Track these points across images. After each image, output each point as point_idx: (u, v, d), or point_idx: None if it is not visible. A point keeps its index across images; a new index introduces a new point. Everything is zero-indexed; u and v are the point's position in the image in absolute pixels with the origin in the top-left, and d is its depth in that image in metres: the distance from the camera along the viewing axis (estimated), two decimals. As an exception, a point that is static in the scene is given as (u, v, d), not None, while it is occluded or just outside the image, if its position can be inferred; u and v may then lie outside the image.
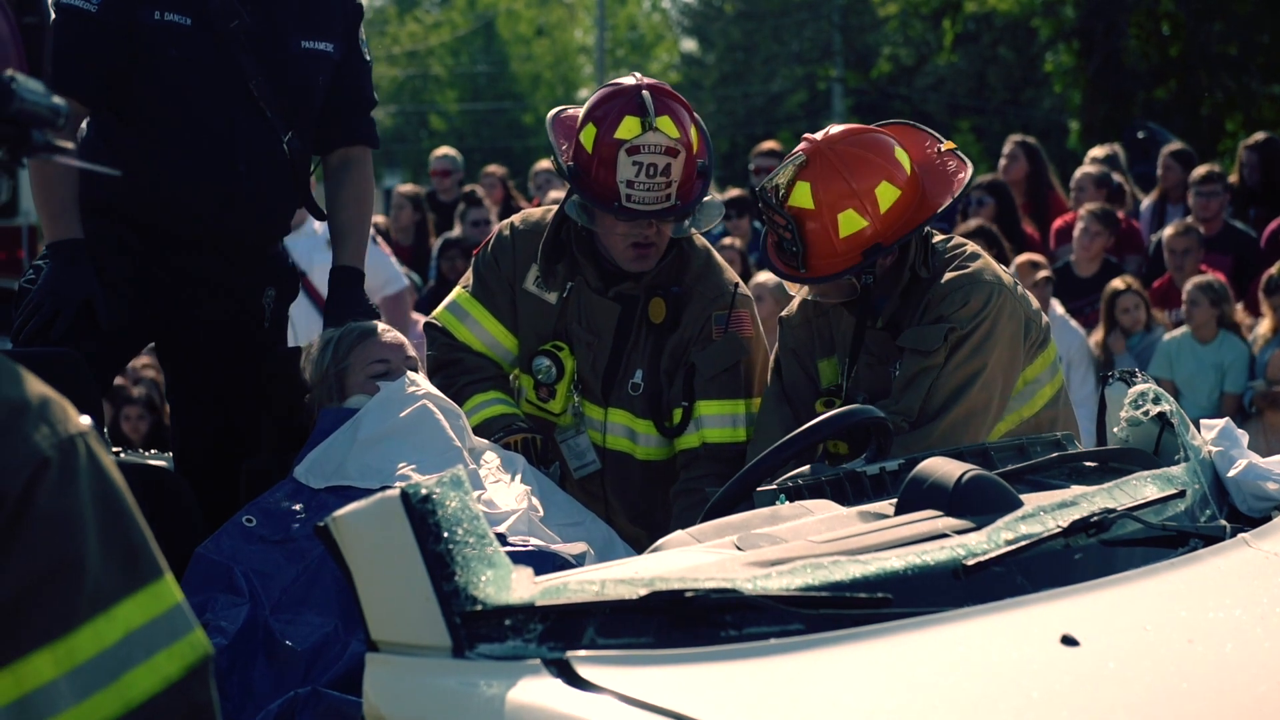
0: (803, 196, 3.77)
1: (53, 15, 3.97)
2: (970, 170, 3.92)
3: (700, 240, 4.15)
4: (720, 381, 4.02)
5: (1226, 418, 3.21)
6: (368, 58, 4.26)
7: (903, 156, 3.86)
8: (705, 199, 3.99)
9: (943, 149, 3.96)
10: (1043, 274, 8.13)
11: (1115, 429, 3.22)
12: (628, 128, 3.84)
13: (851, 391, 3.89)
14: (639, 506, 4.14)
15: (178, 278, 4.09)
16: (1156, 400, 3.18)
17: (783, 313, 4.15)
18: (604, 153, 3.86)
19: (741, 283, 4.14)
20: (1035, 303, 4.00)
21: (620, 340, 4.07)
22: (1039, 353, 3.93)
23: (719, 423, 4.03)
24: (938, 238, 3.96)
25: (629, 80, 3.94)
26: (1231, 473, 3.04)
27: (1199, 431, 3.15)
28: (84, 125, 4.07)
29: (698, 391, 4.02)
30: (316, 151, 4.29)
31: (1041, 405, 3.96)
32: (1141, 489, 2.81)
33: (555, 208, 4.11)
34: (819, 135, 3.87)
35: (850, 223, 3.77)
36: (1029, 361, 3.90)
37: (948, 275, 3.83)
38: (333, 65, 4.15)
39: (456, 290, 4.24)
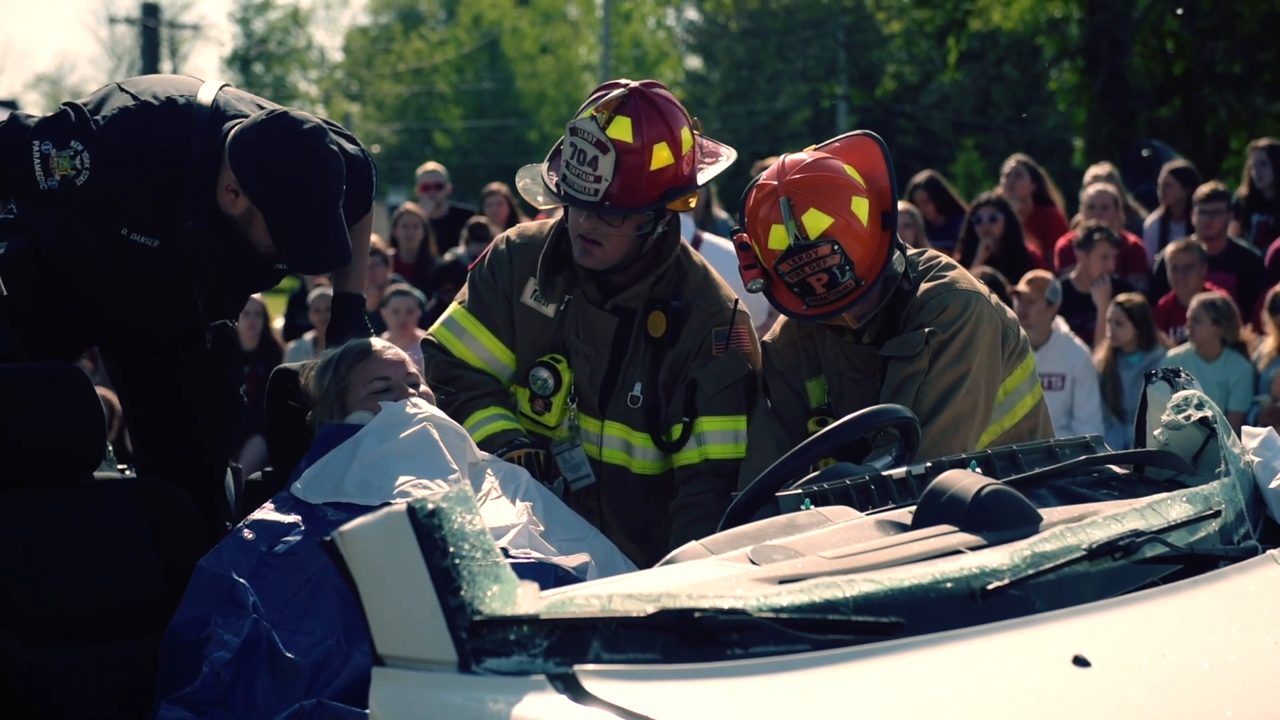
0: (818, 219, 3.76)
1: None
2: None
3: (698, 257, 4.15)
4: (723, 398, 4.02)
5: (1269, 427, 3.12)
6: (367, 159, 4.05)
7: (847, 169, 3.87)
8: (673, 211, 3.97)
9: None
10: (1037, 290, 8.06)
11: (1155, 431, 3.13)
12: (588, 114, 3.87)
13: (839, 409, 3.88)
14: (635, 522, 4.13)
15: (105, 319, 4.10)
16: (1200, 406, 3.08)
17: (766, 337, 4.13)
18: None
19: (740, 299, 4.14)
20: (1010, 312, 4.01)
21: (618, 353, 4.07)
22: (1018, 363, 3.97)
23: (721, 438, 4.02)
24: (911, 250, 3.99)
25: (636, 83, 3.94)
26: (1273, 484, 2.95)
27: (1240, 439, 3.06)
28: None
29: (700, 407, 4.01)
30: None
31: (1022, 415, 4.00)
32: (1173, 509, 2.72)
33: (552, 221, 4.10)
34: (771, 180, 3.84)
35: (860, 206, 3.78)
36: (1009, 371, 3.94)
37: (924, 286, 3.88)
38: None
39: (453, 306, 4.22)
